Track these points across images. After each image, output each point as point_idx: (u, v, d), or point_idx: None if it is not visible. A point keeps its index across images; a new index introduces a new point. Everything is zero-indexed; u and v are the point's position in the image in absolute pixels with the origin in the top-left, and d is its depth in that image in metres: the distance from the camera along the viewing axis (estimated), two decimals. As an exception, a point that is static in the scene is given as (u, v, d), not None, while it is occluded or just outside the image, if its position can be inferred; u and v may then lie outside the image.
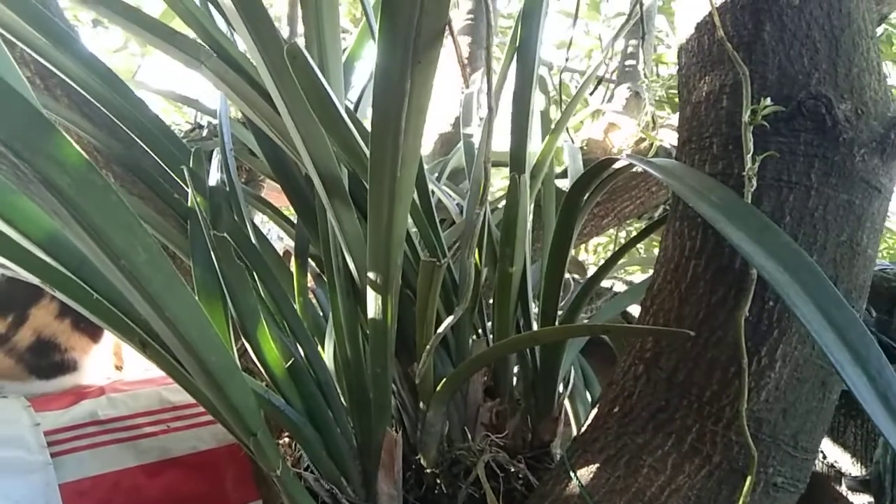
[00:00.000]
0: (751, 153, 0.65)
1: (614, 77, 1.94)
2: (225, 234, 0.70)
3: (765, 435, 0.64)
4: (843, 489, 1.23)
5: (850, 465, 1.22)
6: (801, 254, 0.58)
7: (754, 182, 0.65)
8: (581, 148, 1.49)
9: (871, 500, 1.19)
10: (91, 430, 1.03)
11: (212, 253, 0.71)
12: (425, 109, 0.59)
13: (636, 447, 0.68)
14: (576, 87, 3.10)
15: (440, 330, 0.68)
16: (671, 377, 0.68)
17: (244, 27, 0.63)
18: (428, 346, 0.68)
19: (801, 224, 0.65)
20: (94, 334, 1.15)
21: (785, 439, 0.65)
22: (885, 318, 1.25)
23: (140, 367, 1.26)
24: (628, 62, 1.79)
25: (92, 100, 0.85)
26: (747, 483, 0.61)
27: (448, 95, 1.84)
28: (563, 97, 2.90)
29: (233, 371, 0.62)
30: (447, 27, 0.73)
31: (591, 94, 2.16)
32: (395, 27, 0.53)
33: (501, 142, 0.95)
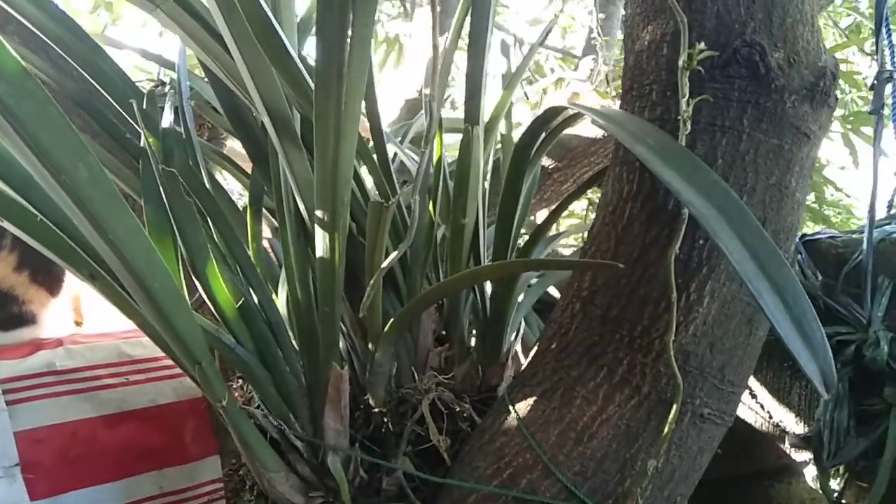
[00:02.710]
0: (686, 97, 0.67)
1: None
2: (174, 171, 0.71)
3: (692, 367, 0.67)
4: (787, 446, 1.28)
5: (793, 425, 1.27)
6: (728, 191, 0.60)
7: (689, 126, 0.67)
8: (544, 116, 1.51)
9: (812, 455, 1.23)
10: (48, 380, 1.03)
11: (161, 189, 0.72)
12: (368, 41, 0.61)
13: (571, 380, 0.70)
14: (551, 67, 3.12)
15: (385, 264, 0.70)
16: (605, 313, 0.70)
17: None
18: (372, 280, 0.70)
19: (732, 167, 0.68)
20: (52, 288, 1.15)
21: (712, 372, 0.68)
22: (832, 283, 1.29)
23: (99, 323, 1.26)
24: (594, 35, 1.82)
25: (41, 35, 0.85)
26: (672, 411, 0.64)
27: (416, 64, 1.85)
28: (537, 76, 2.92)
29: (177, 298, 0.64)
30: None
31: (575, 69, 2.18)
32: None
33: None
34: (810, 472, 1.28)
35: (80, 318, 1.28)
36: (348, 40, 0.58)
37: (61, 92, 0.91)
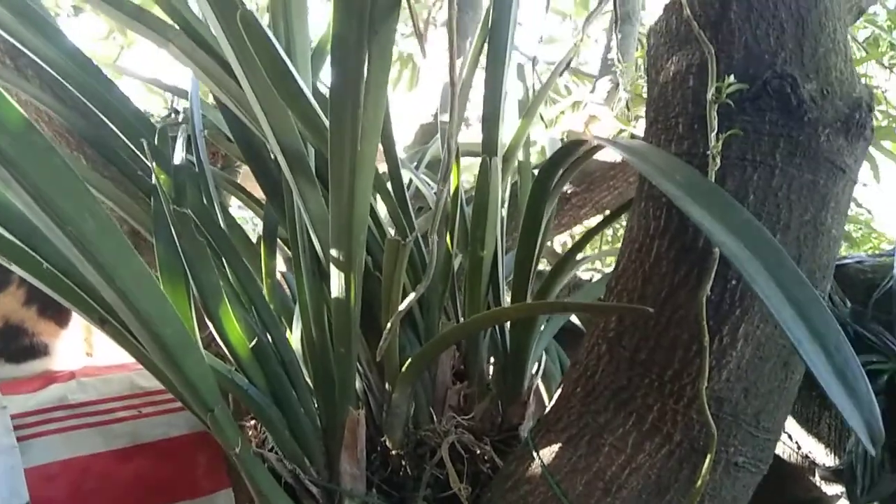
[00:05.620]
0: (715, 131, 0.65)
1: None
2: (186, 210, 0.69)
3: (726, 414, 0.64)
4: (817, 479, 1.23)
5: (823, 456, 1.22)
6: (762, 231, 0.57)
7: (718, 160, 0.65)
8: (561, 139, 1.49)
9: (844, 489, 1.19)
10: (60, 415, 1.02)
11: (172, 229, 0.70)
12: (385, 82, 0.59)
13: (598, 426, 0.67)
14: (564, 84, 3.09)
15: (402, 306, 0.67)
16: (633, 356, 0.67)
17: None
18: (389, 323, 0.68)
19: (764, 203, 0.65)
20: (60, 320, 1.14)
21: (746, 419, 0.65)
22: (861, 309, 1.25)
23: (111, 355, 1.25)
24: (611, 55, 1.79)
25: (58, 77, 0.84)
26: (707, 462, 0.61)
27: (432, 88, 1.84)
28: (551, 93, 2.89)
29: (189, 345, 0.61)
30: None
31: (592, 91, 2.15)
32: (350, -5, 0.52)
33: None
34: (842, 506, 1.23)
35: (91, 349, 1.27)
36: (364, 82, 0.56)
37: (69, 127, 0.90)
